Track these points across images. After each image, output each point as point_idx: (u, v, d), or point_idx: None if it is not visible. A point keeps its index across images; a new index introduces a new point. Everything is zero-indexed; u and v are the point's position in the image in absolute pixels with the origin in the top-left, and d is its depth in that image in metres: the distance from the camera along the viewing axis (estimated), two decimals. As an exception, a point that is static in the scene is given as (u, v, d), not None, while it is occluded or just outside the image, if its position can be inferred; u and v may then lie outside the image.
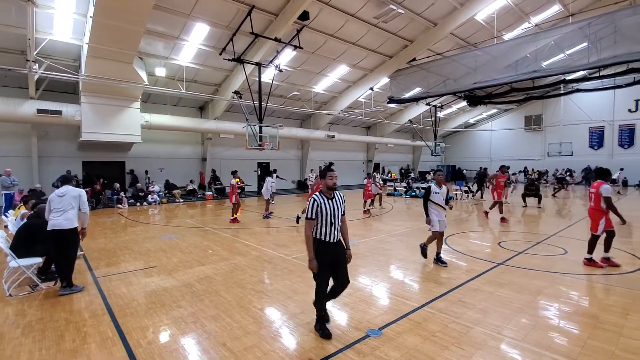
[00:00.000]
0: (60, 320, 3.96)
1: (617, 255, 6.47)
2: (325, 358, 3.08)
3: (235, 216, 10.83)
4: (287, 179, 17.37)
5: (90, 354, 3.22)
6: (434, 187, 5.99)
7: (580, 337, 3.44)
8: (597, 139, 26.78)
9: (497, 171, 11.44)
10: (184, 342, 3.43)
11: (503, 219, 10.33)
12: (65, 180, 5.32)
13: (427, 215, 5.97)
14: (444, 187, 6.03)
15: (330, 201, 3.43)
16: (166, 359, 3.11)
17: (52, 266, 5.19)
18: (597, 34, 11.77)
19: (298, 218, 10.55)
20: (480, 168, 19.78)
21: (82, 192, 5.13)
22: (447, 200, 6.09)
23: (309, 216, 3.39)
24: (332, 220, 3.39)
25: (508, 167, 14.21)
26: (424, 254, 6.10)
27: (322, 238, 3.41)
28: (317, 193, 3.48)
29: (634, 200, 16.38)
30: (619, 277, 5.29)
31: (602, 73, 13.98)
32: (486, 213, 11.00)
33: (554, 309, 4.12)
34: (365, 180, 13.24)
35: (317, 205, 3.37)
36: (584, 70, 13.52)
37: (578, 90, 17.74)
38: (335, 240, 3.45)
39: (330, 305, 4.32)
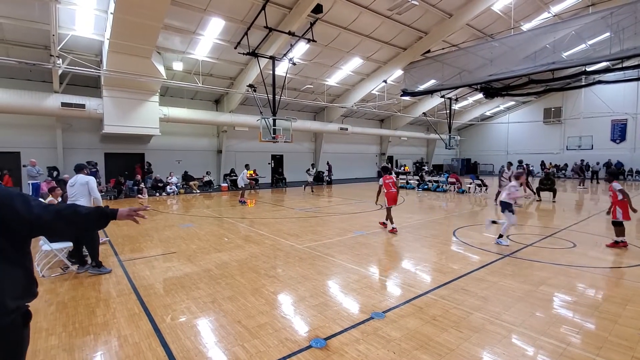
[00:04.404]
0: (91, 298, 4.35)
1: (630, 249, 6.48)
2: (332, 336, 3.33)
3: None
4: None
5: (119, 328, 3.57)
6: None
7: (577, 324, 3.57)
8: (619, 132, 25.92)
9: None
10: (203, 319, 3.74)
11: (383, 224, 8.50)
12: (78, 168, 5.63)
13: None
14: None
15: None
16: (187, 333, 3.43)
17: (84, 250, 5.58)
18: (620, 24, 11.38)
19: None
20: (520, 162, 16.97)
21: (90, 179, 5.33)
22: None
23: None
24: None
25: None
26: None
27: None
28: None
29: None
30: (624, 270, 5.33)
31: (626, 64, 13.54)
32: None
33: (554, 298, 4.24)
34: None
35: None
36: (606, 61, 13.09)
37: (600, 82, 17.16)
38: None
39: (337, 290, 4.58)
